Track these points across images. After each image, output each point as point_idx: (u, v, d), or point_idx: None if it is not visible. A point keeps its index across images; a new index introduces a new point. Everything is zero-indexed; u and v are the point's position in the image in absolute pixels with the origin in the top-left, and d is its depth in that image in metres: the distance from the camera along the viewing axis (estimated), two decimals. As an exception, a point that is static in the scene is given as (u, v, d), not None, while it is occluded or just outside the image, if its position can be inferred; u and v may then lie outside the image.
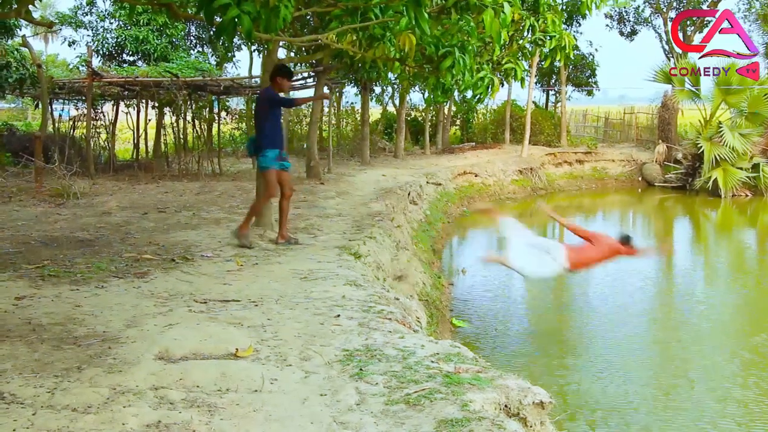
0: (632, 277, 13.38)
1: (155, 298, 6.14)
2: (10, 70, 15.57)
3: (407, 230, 12.91)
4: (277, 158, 8.71)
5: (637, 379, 8.33)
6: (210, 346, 4.80)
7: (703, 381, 8.34)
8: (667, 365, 8.88)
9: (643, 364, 8.99)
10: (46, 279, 6.70)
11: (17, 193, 12.94)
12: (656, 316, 11.39)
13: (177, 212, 11.43)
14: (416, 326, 6.16)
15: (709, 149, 23.63)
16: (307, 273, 7.26)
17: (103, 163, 19.19)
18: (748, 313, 11.61)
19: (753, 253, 17.98)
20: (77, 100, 21.42)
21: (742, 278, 14.30)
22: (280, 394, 4.09)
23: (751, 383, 8.21)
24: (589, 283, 13.36)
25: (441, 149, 28.38)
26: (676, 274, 15.02)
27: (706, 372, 8.69)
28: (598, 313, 11.27)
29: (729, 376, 8.49)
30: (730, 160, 23.43)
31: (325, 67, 16.41)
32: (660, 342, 10.03)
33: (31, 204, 11.88)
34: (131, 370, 4.34)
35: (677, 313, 11.58)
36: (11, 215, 10.66)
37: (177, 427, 3.65)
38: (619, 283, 13.00)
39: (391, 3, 5.85)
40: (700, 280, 14.58)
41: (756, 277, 14.50)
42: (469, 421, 3.63)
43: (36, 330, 5.10)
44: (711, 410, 7.53)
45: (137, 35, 22.56)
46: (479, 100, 9.52)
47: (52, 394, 3.96)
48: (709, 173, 23.61)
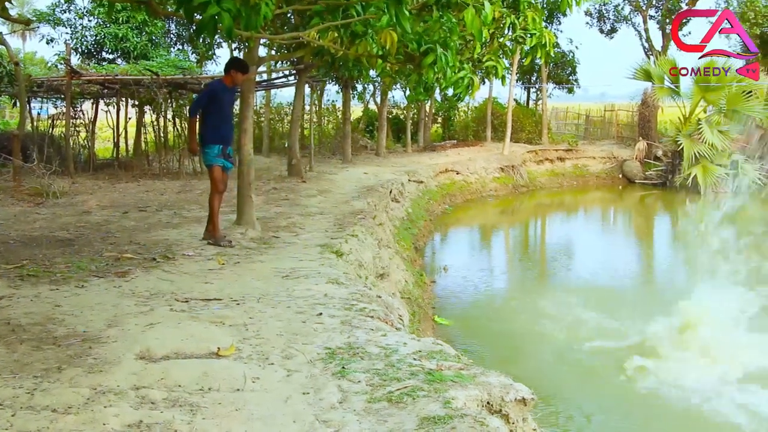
0: (616, 275, 13.54)
1: (136, 297, 6.11)
2: None
3: (389, 228, 12.93)
4: (221, 154, 8.62)
5: (618, 382, 8.24)
6: (192, 346, 4.79)
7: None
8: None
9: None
10: (25, 279, 6.66)
11: (-4, 192, 12.85)
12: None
13: (158, 211, 11.38)
14: (398, 324, 6.18)
15: (689, 146, 23.81)
16: (289, 271, 7.26)
17: (83, 162, 19.04)
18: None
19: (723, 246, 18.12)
20: (56, 98, 21.28)
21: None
22: (262, 393, 4.09)
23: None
24: (574, 279, 13.50)
25: (423, 147, 28.41)
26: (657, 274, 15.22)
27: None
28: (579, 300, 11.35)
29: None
30: (710, 157, 23.61)
31: (306, 64, 16.39)
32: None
33: (9, 203, 11.78)
34: (112, 370, 4.32)
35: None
36: (-10, 215, 10.59)
37: (159, 427, 3.64)
38: (603, 277, 13.15)
39: (373, 0, 5.85)
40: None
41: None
42: (451, 419, 3.65)
43: (15, 330, 5.06)
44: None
45: (116, 33, 22.40)
46: (459, 99, 9.54)
47: (31, 394, 3.94)
48: (688, 170, 23.79)
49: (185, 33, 25.35)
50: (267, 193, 13.68)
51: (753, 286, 9.95)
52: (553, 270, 15.40)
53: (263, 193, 13.41)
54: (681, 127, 24.89)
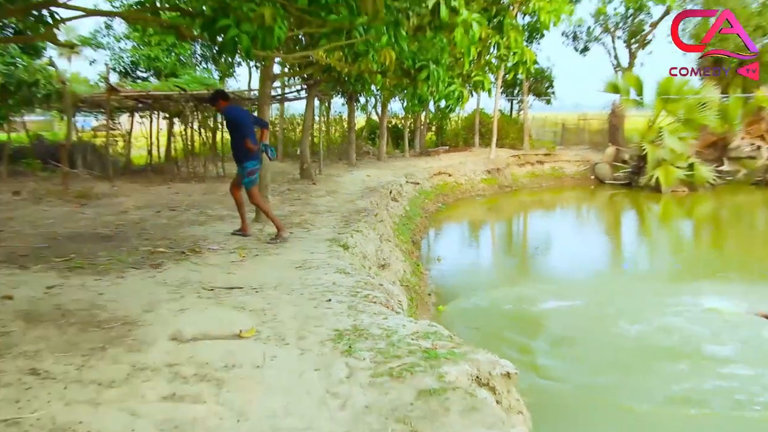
0: (584, 262, 13.56)
1: (168, 286, 6.12)
2: (39, 86, 15.48)
3: (389, 224, 12.92)
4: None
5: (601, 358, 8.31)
6: (217, 328, 4.79)
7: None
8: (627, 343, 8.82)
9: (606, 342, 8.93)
10: (73, 270, 6.67)
11: (46, 195, 12.84)
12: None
13: (186, 210, 11.38)
14: (398, 308, 6.18)
15: (652, 151, 23.79)
16: (302, 263, 7.26)
17: (121, 168, 19.02)
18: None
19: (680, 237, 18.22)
20: (97, 112, 21.25)
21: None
22: (279, 369, 4.10)
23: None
24: (555, 267, 13.51)
25: (418, 152, 28.35)
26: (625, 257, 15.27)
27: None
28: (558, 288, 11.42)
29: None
30: (670, 160, 23.59)
31: (315, 80, 16.38)
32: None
33: (58, 204, 11.78)
34: (148, 350, 4.33)
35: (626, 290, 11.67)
36: (41, 214, 10.58)
37: (189, 399, 3.66)
38: (581, 268, 13.18)
39: (374, 23, 5.84)
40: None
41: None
42: (445, 391, 3.66)
43: (65, 315, 5.08)
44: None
45: (149, 54, 22.50)
46: (451, 109, 9.53)
47: (80, 370, 3.96)
48: (651, 172, 23.76)
49: (209, 53, 25.30)
50: (282, 194, 13.67)
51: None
52: (532, 258, 15.40)
53: (278, 194, 13.40)
54: (645, 134, 24.83)
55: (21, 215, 10.47)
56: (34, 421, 3.32)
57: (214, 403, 3.59)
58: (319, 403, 3.61)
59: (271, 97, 15.01)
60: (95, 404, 3.53)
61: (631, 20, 31.31)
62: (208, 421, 3.42)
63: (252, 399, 3.64)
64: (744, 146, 24.36)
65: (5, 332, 4.64)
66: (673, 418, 6.57)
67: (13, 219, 10.06)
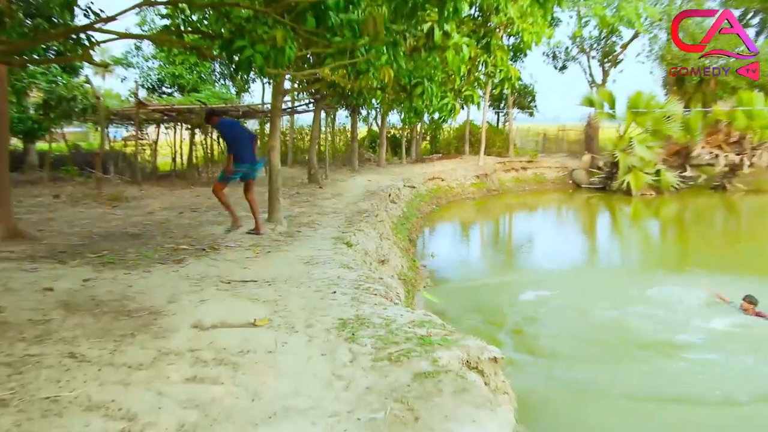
0: (562, 256, 13.54)
1: (190, 279, 6.11)
2: (77, 101, 15.69)
3: (388, 224, 12.91)
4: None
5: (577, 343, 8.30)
6: (233, 317, 4.79)
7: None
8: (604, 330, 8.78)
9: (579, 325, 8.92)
10: (105, 265, 6.67)
11: (82, 198, 12.84)
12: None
13: (206, 211, 11.37)
14: (396, 300, 6.17)
15: (623, 158, 23.79)
16: (310, 258, 7.25)
17: (148, 174, 19.02)
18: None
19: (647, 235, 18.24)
20: (127, 124, 21.27)
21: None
22: (289, 354, 4.09)
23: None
24: (536, 260, 13.50)
25: (415, 159, 28.32)
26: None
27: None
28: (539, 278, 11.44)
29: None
30: (640, 167, 23.59)
31: (321, 95, 16.39)
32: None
33: (92, 206, 11.78)
34: (172, 336, 4.33)
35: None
36: (78, 215, 10.58)
37: (209, 380, 3.65)
38: (552, 258, 13.16)
39: (374, 44, 5.84)
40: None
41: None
42: (438, 374, 3.65)
43: (98, 305, 5.08)
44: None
45: (174, 72, 22.59)
46: (443, 121, 9.53)
47: (112, 354, 3.96)
48: (623, 177, 23.76)
49: (227, 71, 25.32)
50: (291, 197, 13.65)
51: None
52: (516, 253, 15.39)
53: (288, 197, 13.38)
54: (617, 144, 24.81)
55: (60, 216, 10.46)
56: (73, 398, 3.34)
57: (231, 385, 3.59)
58: (325, 384, 3.61)
59: (282, 109, 15.01)
60: (125, 384, 3.53)
61: (604, 42, 31.50)
62: (226, 400, 3.42)
63: (265, 381, 3.64)
64: (704, 155, 24.40)
65: (47, 320, 4.64)
66: (643, 403, 6.50)
67: (53, 219, 10.06)
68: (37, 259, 6.89)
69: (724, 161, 23.93)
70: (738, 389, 6.53)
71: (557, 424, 5.98)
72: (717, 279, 11.05)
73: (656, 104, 24.53)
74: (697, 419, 6.08)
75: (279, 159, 9.99)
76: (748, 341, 7.99)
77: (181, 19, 6.51)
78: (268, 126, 10.87)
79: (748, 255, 14.45)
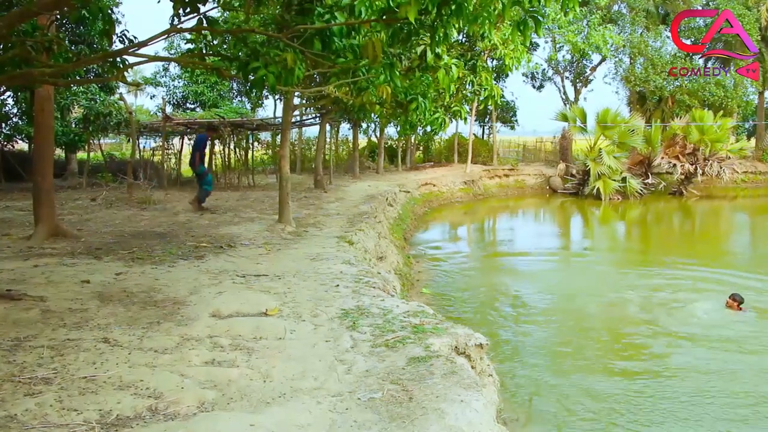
0: (540, 254, 13.54)
1: (209, 273, 6.11)
2: (112, 116, 16.04)
3: (386, 224, 12.89)
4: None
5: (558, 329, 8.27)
6: (247, 307, 4.78)
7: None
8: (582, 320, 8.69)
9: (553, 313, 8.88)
10: (135, 260, 6.66)
11: (115, 201, 12.82)
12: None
13: (224, 213, 11.35)
14: (393, 292, 6.17)
15: (594, 167, 23.81)
16: (315, 255, 7.25)
17: (173, 180, 18.99)
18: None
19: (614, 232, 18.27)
20: (155, 136, 21.24)
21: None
22: (297, 341, 4.09)
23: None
24: (518, 256, 13.48)
25: (409, 167, 28.25)
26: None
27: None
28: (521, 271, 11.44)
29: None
30: (608, 175, 23.63)
31: (327, 109, 16.36)
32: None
33: (124, 208, 11.75)
34: (193, 324, 4.32)
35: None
36: (111, 216, 10.56)
37: (226, 363, 3.65)
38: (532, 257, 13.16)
39: (373, 65, 5.85)
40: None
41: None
42: (430, 358, 3.65)
43: (129, 296, 5.08)
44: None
45: (196, 90, 22.68)
46: (435, 133, 9.53)
47: (141, 340, 3.96)
48: (593, 183, 23.77)
49: (243, 89, 25.33)
50: (299, 201, 13.64)
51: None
52: (500, 251, 15.34)
53: (297, 200, 13.36)
54: (588, 154, 24.80)
55: (96, 217, 10.44)
56: (107, 378, 3.35)
57: (245, 367, 3.58)
58: (329, 367, 3.60)
59: (292, 123, 15.01)
60: (152, 367, 3.53)
61: (576, 65, 31.68)
62: (241, 381, 3.41)
63: (275, 364, 3.63)
64: (663, 164, 24.49)
65: (84, 309, 4.64)
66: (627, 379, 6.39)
67: (90, 220, 10.05)
68: (76, 255, 6.88)
69: (680, 170, 24.01)
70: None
71: (539, 403, 5.90)
72: (676, 270, 11.27)
73: (622, 119, 24.68)
74: (666, 391, 6.00)
75: (288, 167, 9.98)
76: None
77: (203, 44, 6.52)
78: (280, 137, 10.85)
79: (701, 249, 14.96)
